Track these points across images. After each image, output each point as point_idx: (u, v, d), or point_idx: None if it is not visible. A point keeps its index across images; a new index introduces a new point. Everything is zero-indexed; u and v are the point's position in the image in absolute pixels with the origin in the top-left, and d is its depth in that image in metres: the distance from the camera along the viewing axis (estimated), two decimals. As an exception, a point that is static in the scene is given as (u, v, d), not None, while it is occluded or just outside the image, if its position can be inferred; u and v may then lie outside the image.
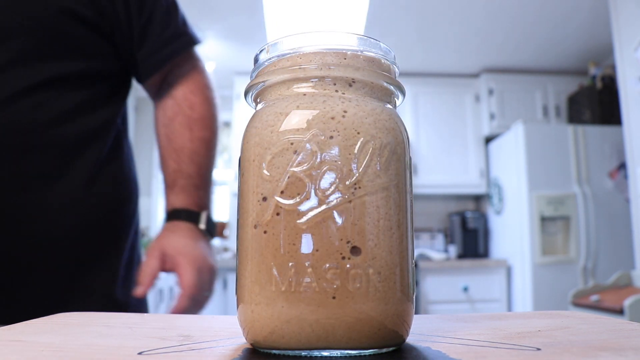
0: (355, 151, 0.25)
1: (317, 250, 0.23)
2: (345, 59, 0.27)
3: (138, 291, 0.57)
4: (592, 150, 2.89)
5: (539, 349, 0.23)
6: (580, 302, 2.17)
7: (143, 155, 3.06)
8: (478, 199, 3.66)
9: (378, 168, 0.25)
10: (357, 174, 0.24)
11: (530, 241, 2.81)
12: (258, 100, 0.29)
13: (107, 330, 0.29)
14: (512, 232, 3.03)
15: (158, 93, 0.71)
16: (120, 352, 0.23)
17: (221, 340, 0.27)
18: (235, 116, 3.20)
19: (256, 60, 0.29)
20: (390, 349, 0.25)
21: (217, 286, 2.99)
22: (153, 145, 2.39)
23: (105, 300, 0.62)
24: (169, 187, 0.66)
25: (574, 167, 2.86)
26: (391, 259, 0.25)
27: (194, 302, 0.57)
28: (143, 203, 2.64)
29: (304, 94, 0.26)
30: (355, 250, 0.24)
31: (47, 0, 0.56)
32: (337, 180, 0.24)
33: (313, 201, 0.24)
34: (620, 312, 1.88)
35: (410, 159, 0.28)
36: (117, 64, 0.65)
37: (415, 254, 3.01)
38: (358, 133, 0.25)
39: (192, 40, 0.69)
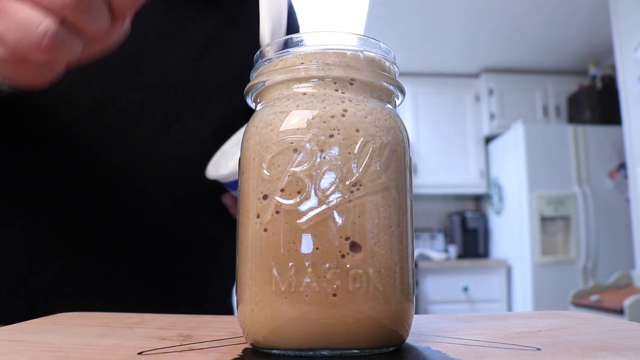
0: (355, 151, 0.25)
1: (317, 250, 0.23)
2: (345, 58, 0.27)
3: None
4: (592, 150, 2.89)
5: (539, 349, 0.23)
6: (580, 302, 2.17)
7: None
8: (478, 199, 3.67)
9: (378, 168, 0.25)
10: (357, 174, 0.24)
11: (530, 241, 2.81)
12: (258, 100, 0.29)
13: (107, 330, 0.29)
14: (512, 232, 3.03)
15: None
16: (120, 352, 0.23)
17: (221, 340, 0.27)
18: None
19: (256, 60, 0.29)
20: (390, 349, 0.25)
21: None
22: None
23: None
24: None
25: (574, 167, 2.86)
26: (391, 259, 0.25)
27: None
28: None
29: (304, 94, 0.26)
30: (355, 249, 0.24)
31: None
32: (337, 180, 0.24)
33: (313, 201, 0.24)
34: (620, 312, 1.88)
35: (410, 158, 0.28)
36: None
37: (415, 254, 3.01)
38: (358, 132, 0.25)
39: None
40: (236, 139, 0.52)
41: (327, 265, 0.23)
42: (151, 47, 0.55)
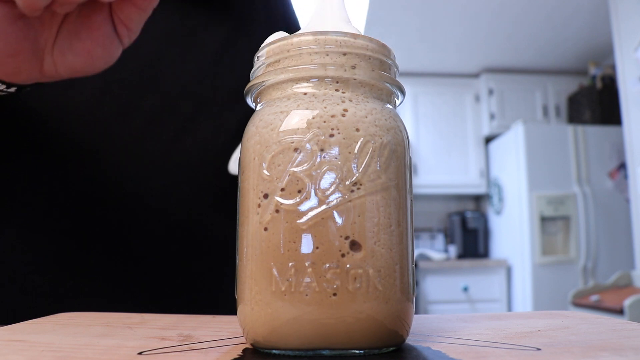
0: (356, 151, 0.25)
1: (317, 249, 0.23)
2: (345, 58, 0.27)
3: None
4: (592, 150, 2.89)
5: (539, 349, 0.23)
6: (580, 302, 2.17)
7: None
8: (478, 199, 3.67)
9: (378, 168, 0.25)
10: (357, 174, 0.24)
11: (530, 241, 2.81)
12: (258, 100, 0.29)
13: (107, 330, 0.29)
14: (512, 232, 3.03)
15: None
16: (120, 352, 0.23)
17: (221, 340, 0.27)
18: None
19: (256, 60, 0.29)
20: (390, 349, 0.25)
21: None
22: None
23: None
24: None
25: (574, 167, 2.86)
26: (391, 259, 0.25)
27: None
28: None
29: (304, 94, 0.26)
30: (355, 250, 0.24)
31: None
32: (337, 180, 0.24)
33: (313, 201, 0.24)
34: (620, 312, 1.89)
35: (410, 158, 0.28)
36: None
37: (415, 254, 3.01)
38: (358, 132, 0.25)
39: None
40: None
41: (327, 265, 0.23)
42: (167, 54, 0.56)
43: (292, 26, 0.68)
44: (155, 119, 0.55)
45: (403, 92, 0.29)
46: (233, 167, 0.54)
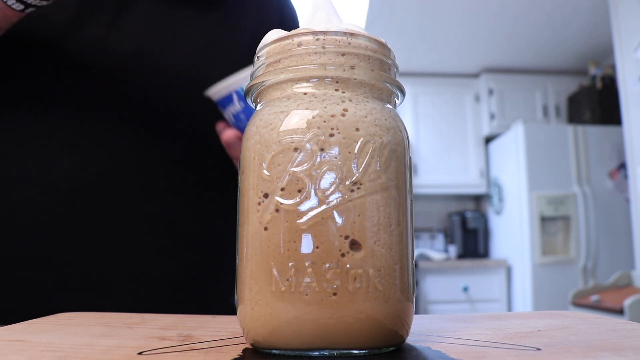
0: (356, 151, 0.25)
1: (317, 249, 0.23)
2: (345, 58, 0.27)
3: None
4: (592, 150, 2.89)
5: (539, 349, 0.23)
6: (580, 302, 2.17)
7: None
8: (478, 199, 3.66)
9: (378, 168, 0.25)
10: (357, 174, 0.24)
11: (530, 241, 2.81)
12: (258, 100, 0.29)
13: (107, 330, 0.29)
14: (512, 232, 3.03)
15: None
16: (120, 352, 0.23)
17: (221, 340, 0.27)
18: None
19: (256, 60, 0.29)
20: (390, 349, 0.25)
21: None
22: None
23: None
24: None
25: (574, 167, 2.86)
26: (391, 259, 0.25)
27: None
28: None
29: (304, 94, 0.26)
30: (355, 248, 0.24)
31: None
32: (337, 180, 0.24)
33: (313, 201, 0.24)
34: (620, 312, 1.88)
35: (410, 158, 0.28)
36: None
37: (415, 254, 3.01)
38: (358, 132, 0.25)
39: None
40: (239, 74, 0.53)
41: (327, 265, 0.23)
42: (150, 46, 0.56)
43: (287, 22, 0.67)
44: (134, 112, 0.55)
45: (403, 92, 0.29)
46: (211, 91, 0.53)
